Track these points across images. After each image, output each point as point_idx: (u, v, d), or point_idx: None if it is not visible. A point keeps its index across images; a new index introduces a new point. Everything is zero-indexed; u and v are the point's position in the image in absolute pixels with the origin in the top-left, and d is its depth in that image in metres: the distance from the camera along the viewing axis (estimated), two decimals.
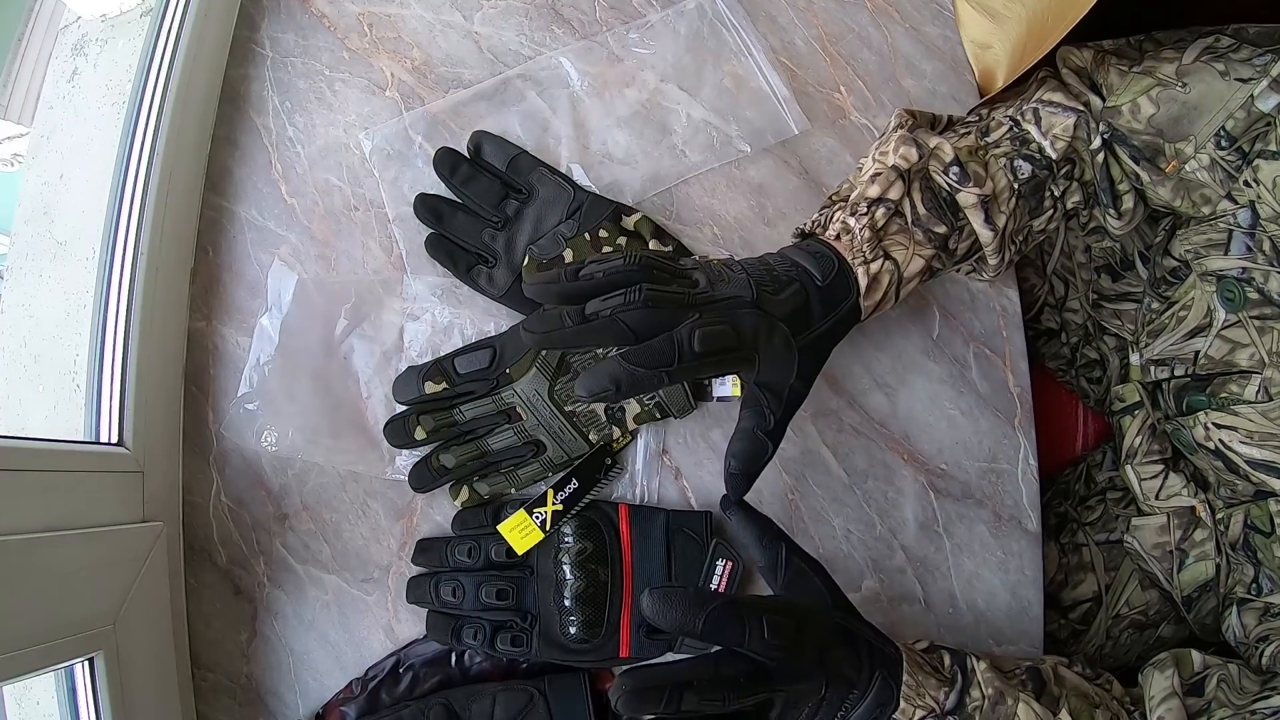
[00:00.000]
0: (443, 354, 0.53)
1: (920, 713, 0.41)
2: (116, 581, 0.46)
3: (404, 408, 0.53)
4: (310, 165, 0.58)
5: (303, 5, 0.61)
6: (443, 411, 0.52)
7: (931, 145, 0.47)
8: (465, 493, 0.52)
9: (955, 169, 0.46)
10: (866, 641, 0.41)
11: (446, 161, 0.56)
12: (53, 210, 0.56)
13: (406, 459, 0.53)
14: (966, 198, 0.46)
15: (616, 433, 0.52)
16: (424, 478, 0.51)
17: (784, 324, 0.42)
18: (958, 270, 0.54)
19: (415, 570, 0.53)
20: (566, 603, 0.49)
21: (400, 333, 0.55)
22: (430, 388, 0.51)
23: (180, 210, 0.55)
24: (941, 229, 0.46)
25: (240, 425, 0.52)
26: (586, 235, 0.53)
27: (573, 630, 0.49)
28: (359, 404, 0.54)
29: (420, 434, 0.51)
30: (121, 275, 0.51)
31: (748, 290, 0.41)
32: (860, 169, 0.51)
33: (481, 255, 0.55)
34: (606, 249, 0.53)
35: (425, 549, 0.52)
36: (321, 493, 0.54)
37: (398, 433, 0.51)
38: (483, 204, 0.55)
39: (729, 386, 0.53)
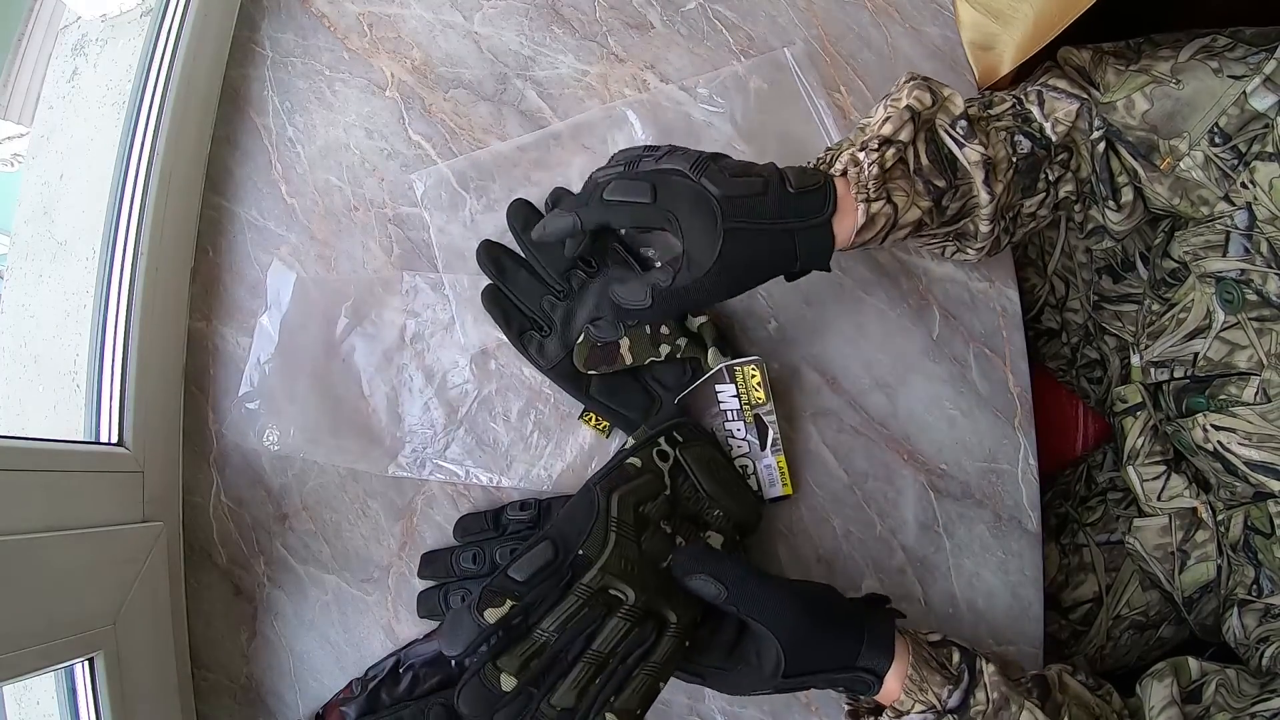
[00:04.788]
0: (477, 568, 0.49)
1: (920, 707, 0.41)
2: (116, 581, 0.46)
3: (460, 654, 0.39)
4: (310, 165, 0.58)
5: (303, 5, 0.61)
6: (522, 641, 0.39)
7: (945, 94, 0.47)
8: None
9: (963, 123, 0.46)
10: (827, 680, 0.42)
11: (521, 214, 0.53)
12: (53, 210, 0.56)
13: (409, 454, 0.53)
14: (971, 154, 0.46)
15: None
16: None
17: (720, 201, 0.42)
18: (943, 251, 0.54)
19: (422, 582, 0.53)
20: None
21: (401, 331, 0.55)
22: (494, 615, 0.38)
23: (180, 210, 0.55)
24: (941, 183, 0.46)
25: (242, 425, 0.52)
26: (648, 328, 0.50)
27: None
28: (360, 403, 0.54)
29: (509, 681, 0.38)
30: (121, 275, 0.51)
31: (689, 164, 0.43)
32: (865, 125, 0.50)
33: (537, 321, 0.53)
34: (664, 347, 0.50)
35: (430, 561, 0.52)
36: (321, 493, 0.54)
37: (478, 696, 0.37)
38: (549, 269, 0.52)
39: (779, 488, 0.52)
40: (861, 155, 0.45)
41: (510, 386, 0.55)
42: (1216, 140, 0.46)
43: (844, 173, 0.45)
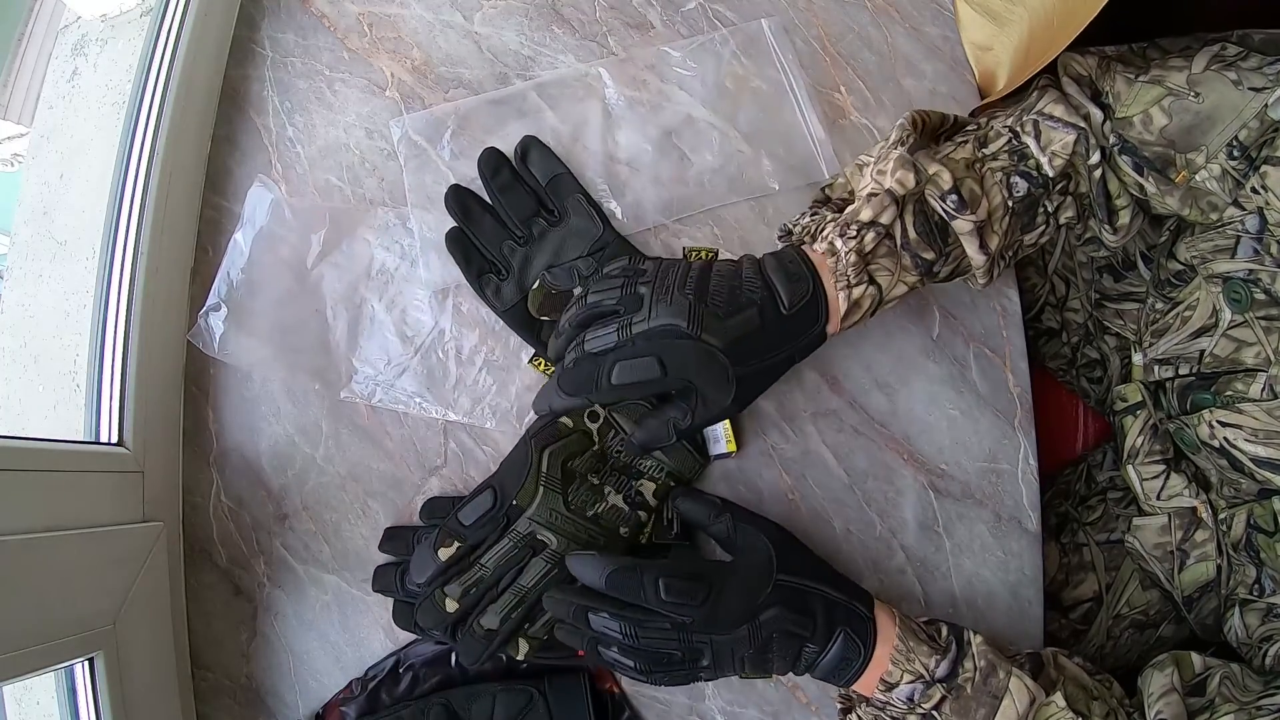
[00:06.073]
0: (441, 517, 0.51)
1: (908, 677, 0.42)
2: (116, 581, 0.46)
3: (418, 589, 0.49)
4: (310, 165, 0.58)
5: (303, 5, 0.61)
6: (465, 573, 0.47)
7: (930, 172, 0.46)
8: (524, 645, 0.48)
9: (953, 197, 0.45)
10: (822, 600, 0.43)
11: (491, 162, 0.55)
12: (53, 210, 0.56)
13: (361, 380, 0.54)
14: (962, 225, 0.46)
15: (644, 516, 0.50)
16: (474, 649, 0.47)
17: (725, 352, 0.43)
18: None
19: (382, 556, 0.53)
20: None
21: (369, 263, 0.56)
22: (445, 554, 0.47)
23: (180, 210, 0.55)
24: (930, 255, 0.46)
25: (204, 336, 0.52)
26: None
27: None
28: (322, 327, 0.55)
29: (452, 605, 0.47)
30: (121, 275, 0.51)
31: (684, 317, 0.43)
32: (860, 165, 0.50)
33: (496, 265, 0.54)
34: None
35: (392, 537, 0.53)
36: (321, 493, 0.54)
37: (430, 613, 0.47)
38: (513, 215, 0.55)
39: (723, 444, 0.52)
40: (839, 243, 0.45)
41: (466, 325, 0.55)
42: (1235, 154, 0.46)
43: (824, 253, 0.45)
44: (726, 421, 0.52)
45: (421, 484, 0.54)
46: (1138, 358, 0.58)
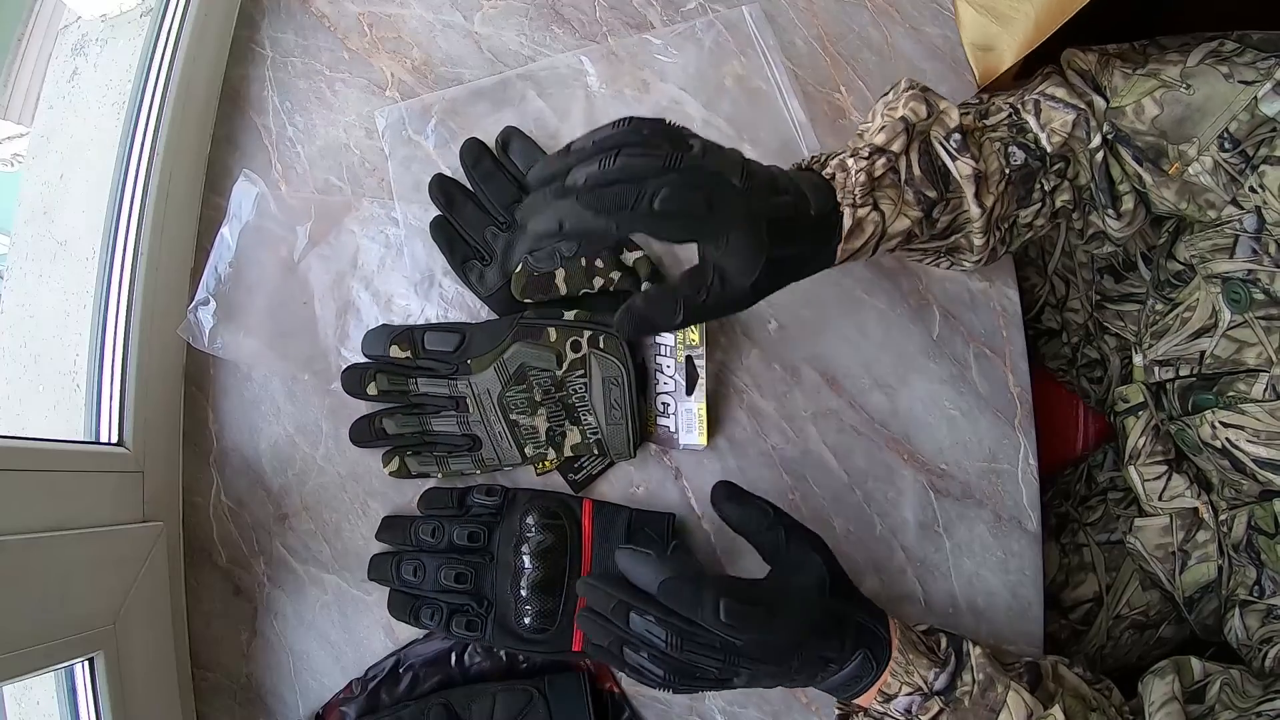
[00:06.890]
0: (417, 324, 0.54)
1: (907, 689, 0.42)
2: (116, 581, 0.46)
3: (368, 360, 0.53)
4: (310, 165, 0.58)
5: (303, 5, 0.61)
6: (399, 377, 0.52)
7: (941, 106, 0.46)
8: (395, 463, 0.52)
9: (957, 136, 0.46)
10: (856, 625, 0.43)
11: (473, 152, 0.56)
12: (53, 210, 0.56)
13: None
14: (963, 167, 0.46)
15: (551, 454, 0.52)
16: (363, 433, 0.52)
17: (770, 227, 0.39)
18: (938, 263, 0.53)
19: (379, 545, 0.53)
20: (523, 592, 0.50)
21: (355, 253, 0.56)
22: (395, 352, 0.51)
23: (180, 210, 0.55)
24: (932, 194, 0.45)
25: (194, 330, 0.53)
26: (583, 260, 0.53)
27: (527, 620, 0.49)
28: (310, 319, 0.55)
29: (372, 389, 0.52)
30: (121, 275, 0.51)
31: (739, 173, 0.39)
32: (863, 131, 0.50)
33: (479, 251, 0.55)
34: (597, 280, 0.52)
35: (390, 526, 0.53)
36: (321, 493, 0.54)
37: (353, 380, 0.52)
38: (495, 202, 0.55)
39: (695, 434, 0.52)
40: (850, 162, 0.44)
41: (451, 312, 0.56)
42: (1226, 146, 0.46)
43: (833, 176, 0.45)
44: (702, 409, 0.52)
45: (423, 483, 0.54)
46: (1138, 359, 0.58)
